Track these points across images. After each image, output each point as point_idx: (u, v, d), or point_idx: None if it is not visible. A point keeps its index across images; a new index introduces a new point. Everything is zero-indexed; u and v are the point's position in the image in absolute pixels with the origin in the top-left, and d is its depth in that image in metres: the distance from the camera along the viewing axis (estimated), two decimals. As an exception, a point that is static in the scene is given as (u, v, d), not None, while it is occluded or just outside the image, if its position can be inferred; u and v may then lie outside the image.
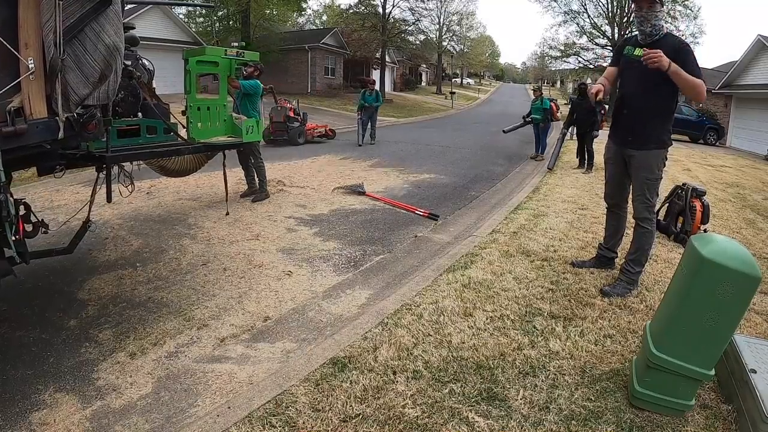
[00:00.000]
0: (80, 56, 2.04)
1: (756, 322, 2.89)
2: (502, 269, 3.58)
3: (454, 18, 47.03)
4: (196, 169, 4.93)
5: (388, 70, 35.26)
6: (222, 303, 3.11)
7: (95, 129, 2.25)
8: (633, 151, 3.10)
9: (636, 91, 3.06)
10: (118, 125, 3.09)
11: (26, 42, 1.89)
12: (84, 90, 2.08)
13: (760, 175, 10.63)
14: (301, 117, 11.43)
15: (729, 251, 1.82)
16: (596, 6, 27.72)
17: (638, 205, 3.12)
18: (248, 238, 4.39)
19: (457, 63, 59.70)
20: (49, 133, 2.02)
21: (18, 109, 1.89)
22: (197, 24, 27.12)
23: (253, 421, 1.94)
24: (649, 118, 3.02)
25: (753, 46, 17.41)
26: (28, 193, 5.69)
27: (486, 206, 5.98)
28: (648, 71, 2.80)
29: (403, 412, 1.98)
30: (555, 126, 12.36)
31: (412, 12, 30.71)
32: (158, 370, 2.38)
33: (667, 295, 2.09)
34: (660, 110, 3.00)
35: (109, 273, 3.54)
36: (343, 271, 3.72)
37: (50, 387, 2.23)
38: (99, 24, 2.06)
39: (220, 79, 4.42)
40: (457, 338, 2.57)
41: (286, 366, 2.36)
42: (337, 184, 6.66)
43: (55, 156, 2.54)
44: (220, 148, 4.36)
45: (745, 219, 5.73)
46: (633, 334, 2.67)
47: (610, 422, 1.96)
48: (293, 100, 12.97)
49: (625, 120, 3.16)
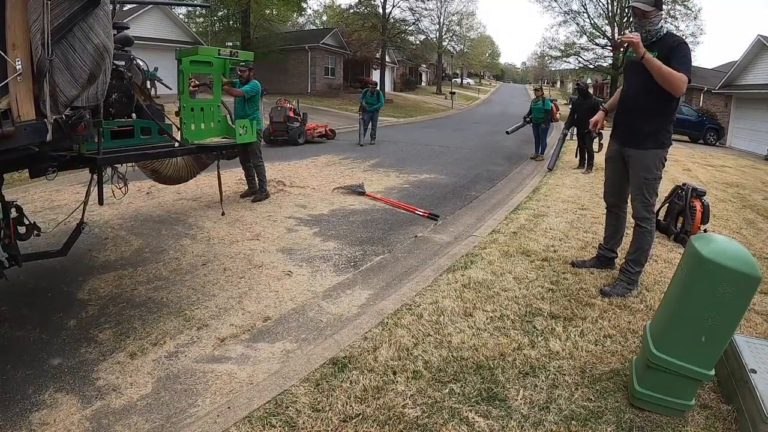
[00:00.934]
0: (69, 57, 2.01)
1: (756, 322, 2.89)
2: (502, 269, 3.58)
3: (454, 18, 47.09)
4: (190, 177, 4.86)
5: (388, 70, 35.27)
6: (222, 303, 3.11)
7: (84, 131, 2.22)
8: (631, 151, 3.11)
9: (635, 91, 3.08)
10: (110, 126, 3.07)
11: (14, 43, 1.86)
12: (73, 91, 2.05)
13: (760, 175, 10.63)
14: (301, 117, 11.43)
15: (729, 251, 1.82)
16: (596, 6, 27.77)
17: (637, 204, 3.13)
18: (248, 238, 4.39)
19: (457, 63, 59.71)
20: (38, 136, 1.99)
21: (5, 111, 1.86)
22: (197, 24, 27.13)
23: (253, 421, 1.94)
24: (647, 118, 3.02)
25: (753, 46, 17.41)
26: (28, 194, 5.70)
27: (486, 206, 5.98)
28: (646, 71, 2.82)
29: (403, 412, 1.98)
30: (555, 126, 12.37)
31: (412, 12, 30.73)
32: (158, 370, 2.38)
33: (667, 295, 2.09)
34: (659, 110, 3.00)
35: (108, 273, 3.54)
36: (343, 271, 3.72)
37: (50, 387, 2.23)
38: (88, 24, 2.03)
39: (214, 80, 4.40)
40: (457, 338, 2.57)
41: (286, 366, 2.36)
42: (337, 185, 6.66)
43: (47, 158, 2.51)
44: (213, 149, 4.33)
45: (745, 219, 5.73)
46: (633, 334, 2.67)
47: (610, 422, 1.96)
48: (293, 100, 12.98)
49: (625, 119, 3.18)
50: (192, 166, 4.65)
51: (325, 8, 45.73)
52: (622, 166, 3.24)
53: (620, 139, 3.22)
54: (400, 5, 37.66)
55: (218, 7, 23.84)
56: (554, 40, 31.81)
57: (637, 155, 3.08)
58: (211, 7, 22.77)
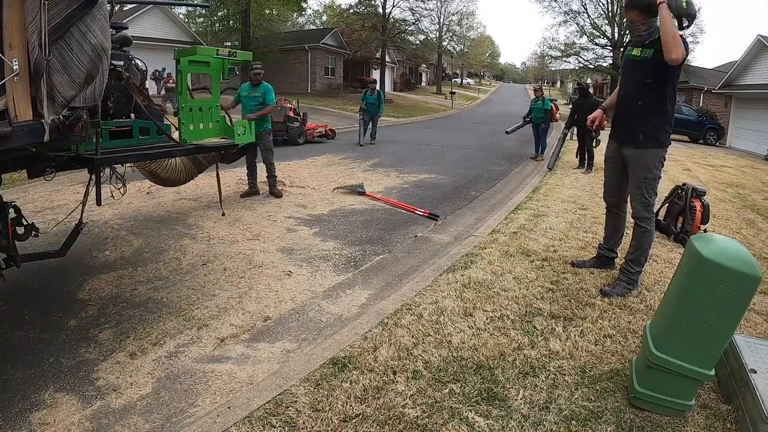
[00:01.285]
0: (66, 57, 2.00)
1: (756, 322, 2.89)
2: (502, 269, 3.58)
3: (454, 18, 47.06)
4: (189, 180, 4.85)
5: (388, 70, 35.26)
6: (222, 303, 3.11)
7: (82, 131, 2.21)
8: (630, 150, 3.10)
9: (634, 89, 3.06)
10: (108, 127, 3.06)
11: (11, 43, 1.85)
12: (70, 91, 2.05)
13: (760, 175, 10.63)
14: (301, 117, 11.43)
15: (729, 251, 1.82)
16: (596, 6, 27.76)
17: (636, 204, 3.12)
18: (248, 238, 4.39)
19: (457, 63, 59.68)
20: (35, 136, 1.98)
21: (2, 112, 1.86)
22: (197, 24, 27.16)
23: (253, 421, 1.94)
24: (646, 117, 3.01)
25: (753, 46, 17.41)
26: (28, 194, 5.70)
27: (486, 206, 5.98)
28: (644, 69, 2.82)
29: (403, 412, 1.98)
30: (555, 126, 12.37)
31: (412, 12, 30.73)
32: (158, 370, 2.38)
33: (667, 295, 2.09)
34: (658, 109, 2.99)
35: (109, 273, 3.54)
36: (343, 271, 3.72)
37: (50, 387, 2.23)
38: (85, 24, 2.02)
39: (212, 79, 4.39)
40: (457, 338, 2.57)
41: (286, 366, 2.36)
42: (337, 184, 6.66)
43: (45, 158, 2.50)
44: (212, 149, 4.32)
45: (745, 219, 5.73)
46: (633, 334, 2.67)
47: (610, 422, 1.96)
48: (293, 100, 12.98)
49: (624, 119, 3.17)
50: (190, 168, 4.64)
51: (325, 8, 45.76)
52: (621, 165, 3.23)
53: (619, 138, 3.22)
54: (400, 5, 37.66)
55: (218, 7, 23.85)
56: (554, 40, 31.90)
57: (636, 154, 3.07)
58: (210, 7, 22.76)
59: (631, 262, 3.17)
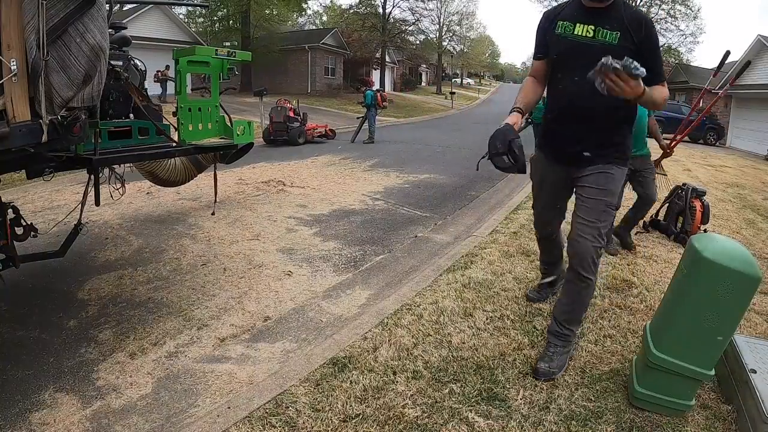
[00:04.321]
0: (64, 57, 1.99)
1: (756, 322, 2.89)
2: (502, 269, 3.58)
3: (454, 18, 47.03)
4: (188, 180, 4.85)
5: (388, 70, 35.27)
6: (222, 303, 3.11)
7: (80, 131, 2.21)
8: (589, 170, 2.24)
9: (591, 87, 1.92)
10: (107, 127, 3.06)
11: (8, 43, 1.84)
12: (68, 92, 2.04)
13: (760, 175, 10.64)
14: (301, 117, 11.43)
15: (729, 251, 1.82)
16: (596, 6, 27.67)
17: (586, 238, 2.20)
18: (248, 238, 4.39)
19: (457, 63, 59.66)
20: (33, 137, 1.97)
21: (0, 112, 1.85)
22: (197, 24, 27.15)
23: (253, 421, 1.94)
24: (606, 124, 2.19)
25: (753, 46, 17.42)
26: (28, 194, 5.70)
27: (486, 206, 5.98)
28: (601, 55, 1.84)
29: (403, 412, 1.98)
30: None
31: (412, 12, 30.83)
32: (158, 370, 2.38)
33: (667, 295, 2.09)
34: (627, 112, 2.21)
35: (109, 273, 3.54)
36: (343, 271, 3.72)
37: (50, 387, 2.23)
38: (83, 24, 2.01)
39: (212, 78, 4.39)
40: (457, 338, 2.57)
41: (286, 366, 2.36)
42: (337, 184, 6.66)
43: (43, 159, 2.50)
44: (211, 149, 4.31)
45: (745, 219, 5.73)
46: (633, 334, 2.67)
47: (610, 422, 1.96)
48: (293, 100, 12.97)
49: (569, 128, 2.28)
50: (190, 168, 4.64)
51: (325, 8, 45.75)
52: (566, 192, 2.54)
53: (567, 157, 2.32)
54: (400, 5, 37.88)
55: (218, 7, 23.87)
56: (554, 40, 31.75)
57: (599, 176, 2.22)
58: (210, 7, 22.76)
59: (566, 322, 2.33)
